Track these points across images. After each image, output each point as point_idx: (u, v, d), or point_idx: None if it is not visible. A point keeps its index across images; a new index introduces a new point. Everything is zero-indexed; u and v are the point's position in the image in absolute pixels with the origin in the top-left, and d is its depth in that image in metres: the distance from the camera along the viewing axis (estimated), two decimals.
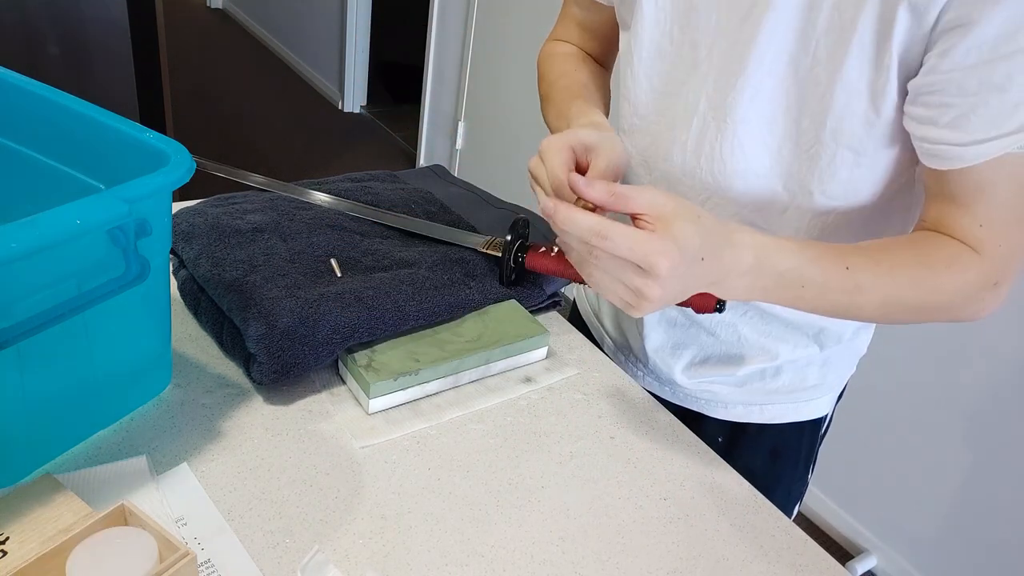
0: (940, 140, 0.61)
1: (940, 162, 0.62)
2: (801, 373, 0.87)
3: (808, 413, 0.91)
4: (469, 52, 2.96)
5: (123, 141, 0.64)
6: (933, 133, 0.61)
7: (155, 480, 0.64)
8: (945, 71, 0.59)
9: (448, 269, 0.86)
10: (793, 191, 0.73)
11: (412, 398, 0.76)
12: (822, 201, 0.72)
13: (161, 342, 0.70)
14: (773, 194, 0.74)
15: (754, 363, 0.86)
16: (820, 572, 0.66)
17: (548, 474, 0.71)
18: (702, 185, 0.77)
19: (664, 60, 0.77)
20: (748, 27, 0.68)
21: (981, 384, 1.60)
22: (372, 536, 0.63)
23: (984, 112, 0.58)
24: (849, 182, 0.70)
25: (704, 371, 0.89)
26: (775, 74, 0.68)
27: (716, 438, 0.93)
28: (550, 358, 0.86)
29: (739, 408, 0.91)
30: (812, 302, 0.64)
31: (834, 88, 0.65)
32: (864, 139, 0.67)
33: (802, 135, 0.69)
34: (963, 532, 1.69)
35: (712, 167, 0.75)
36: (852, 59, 0.63)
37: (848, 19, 0.63)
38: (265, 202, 0.92)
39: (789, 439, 0.93)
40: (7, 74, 0.69)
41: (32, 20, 2.00)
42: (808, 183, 0.71)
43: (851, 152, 0.68)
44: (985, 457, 1.63)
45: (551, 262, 0.84)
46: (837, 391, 0.93)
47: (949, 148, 0.61)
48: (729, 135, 0.73)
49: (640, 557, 0.65)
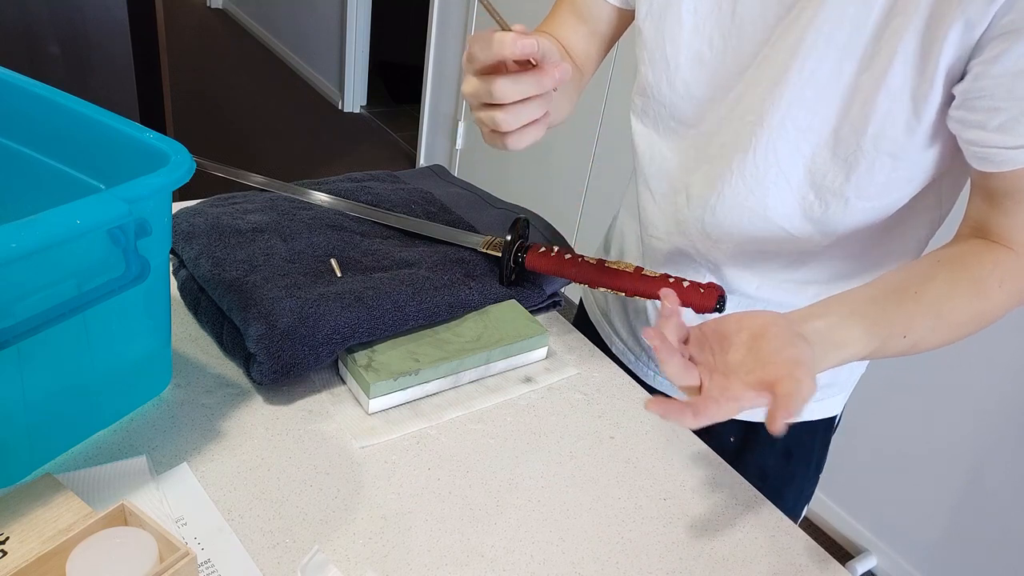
0: (990, 144, 0.62)
1: (989, 165, 0.63)
2: None
3: (821, 412, 0.91)
4: None
5: (123, 141, 0.64)
6: (983, 136, 0.62)
7: (155, 480, 0.64)
8: (995, 76, 0.60)
9: (448, 269, 0.86)
10: (826, 200, 0.73)
11: (412, 398, 0.76)
12: (856, 204, 0.72)
13: (161, 342, 0.70)
14: (804, 201, 0.74)
15: None
16: (820, 572, 0.67)
17: (548, 474, 0.71)
18: (733, 191, 0.77)
19: (704, 67, 0.76)
20: (792, 36, 0.68)
21: (982, 384, 1.60)
22: (372, 536, 0.63)
23: None
24: (885, 185, 0.70)
25: None
26: (815, 83, 0.69)
27: (728, 438, 0.93)
28: (550, 358, 0.86)
29: None
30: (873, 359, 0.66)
31: (877, 96, 0.66)
32: (905, 144, 0.67)
33: (840, 143, 0.69)
34: (963, 532, 1.69)
35: (744, 172, 0.76)
36: (897, 66, 0.64)
37: (896, 28, 0.63)
38: (265, 202, 0.92)
39: (802, 439, 0.93)
40: (7, 74, 0.68)
41: (32, 20, 2.00)
42: (844, 190, 0.71)
43: (890, 158, 0.68)
44: (986, 457, 1.63)
45: (551, 262, 0.84)
46: (849, 390, 0.93)
47: (999, 151, 0.61)
48: (764, 142, 0.73)
49: (640, 557, 0.65)
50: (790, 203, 0.75)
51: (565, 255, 0.84)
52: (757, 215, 0.77)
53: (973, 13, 0.59)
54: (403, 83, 4.22)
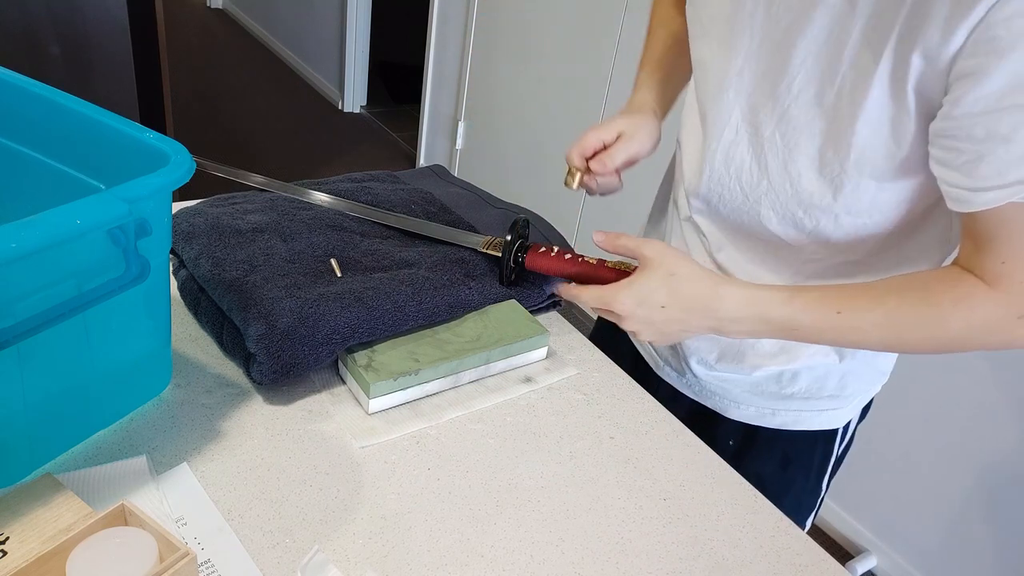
0: (954, 183, 0.62)
1: (956, 204, 0.63)
2: (819, 381, 0.87)
3: (820, 423, 0.91)
4: (469, 52, 2.96)
5: (123, 141, 0.64)
6: (949, 176, 0.63)
7: (155, 480, 0.64)
8: (957, 117, 0.60)
9: (448, 269, 0.86)
10: (815, 216, 0.74)
11: (412, 398, 0.76)
12: (846, 220, 0.73)
13: (161, 342, 0.70)
14: (793, 218, 0.75)
15: (772, 363, 0.86)
16: (820, 572, 0.66)
17: (548, 474, 0.71)
18: (731, 195, 0.79)
19: (707, 70, 0.79)
20: (780, 54, 0.70)
21: (982, 385, 1.60)
22: (372, 536, 0.63)
23: (991, 160, 0.59)
24: (872, 204, 0.71)
25: (721, 364, 0.89)
26: (802, 103, 0.70)
27: (728, 440, 0.93)
28: (550, 358, 0.86)
29: (752, 410, 0.90)
30: (811, 340, 0.72)
31: (856, 122, 0.66)
32: (887, 170, 0.68)
33: (825, 164, 0.71)
34: (963, 533, 1.69)
35: (740, 180, 0.77)
36: (874, 93, 0.64)
37: (871, 56, 0.64)
38: (265, 202, 0.92)
39: (801, 448, 0.92)
40: (8, 74, 0.68)
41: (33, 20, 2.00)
42: (832, 207, 0.72)
43: (874, 181, 0.69)
44: (986, 457, 1.63)
45: (551, 262, 0.84)
46: (854, 406, 0.92)
47: (961, 192, 0.62)
48: (756, 153, 0.75)
49: (640, 557, 0.65)
50: (781, 215, 0.76)
51: (565, 255, 0.84)
52: (755, 222, 0.79)
53: (930, 46, 0.60)
54: (403, 83, 4.22)
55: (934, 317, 0.66)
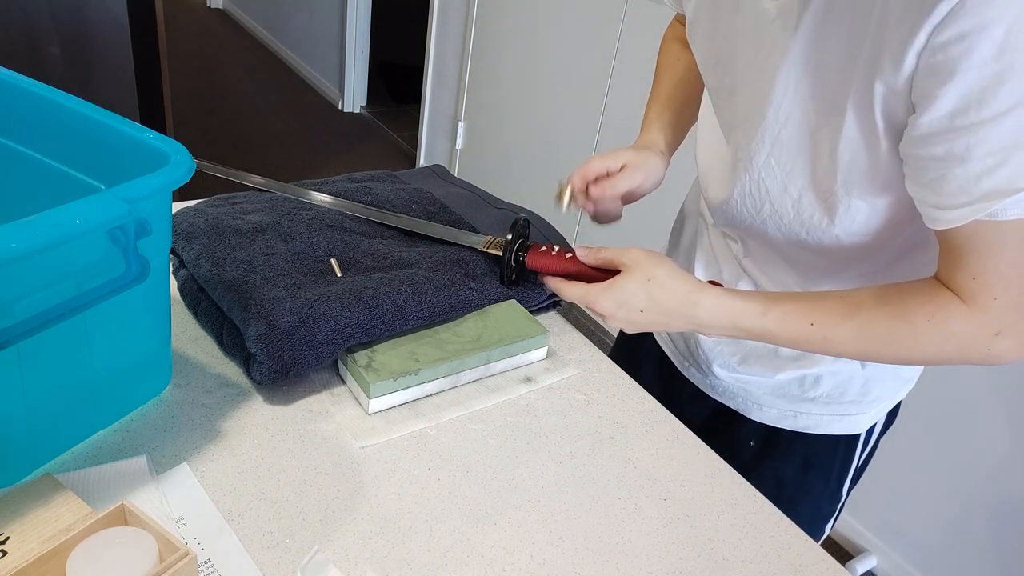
0: (924, 200, 0.64)
1: (929, 222, 0.64)
2: (841, 386, 0.87)
3: (842, 428, 0.90)
4: (469, 52, 2.96)
5: (123, 141, 0.64)
6: (919, 193, 0.64)
7: (155, 480, 0.64)
8: (916, 138, 0.62)
9: (448, 269, 0.86)
10: (817, 236, 0.75)
11: (412, 398, 0.76)
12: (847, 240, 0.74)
13: (161, 342, 0.70)
14: (798, 238, 0.76)
15: (794, 366, 0.86)
16: (820, 572, 0.66)
17: (548, 474, 0.71)
18: (739, 219, 0.80)
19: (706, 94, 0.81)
20: (764, 78, 0.71)
21: (982, 385, 1.60)
22: (372, 536, 0.63)
23: (952, 179, 0.60)
24: (868, 223, 0.72)
25: (743, 367, 0.89)
26: (791, 127, 0.71)
27: (748, 441, 0.93)
28: (550, 358, 0.86)
29: (774, 412, 0.90)
30: (792, 348, 0.75)
31: (838, 145, 0.67)
32: (874, 190, 0.69)
33: (818, 185, 0.71)
34: (963, 532, 1.69)
35: (744, 205, 0.78)
36: (850, 117, 0.66)
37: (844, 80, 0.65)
38: (265, 202, 0.92)
39: (822, 452, 0.92)
40: (8, 74, 0.68)
41: (33, 20, 2.00)
42: (831, 228, 0.73)
43: (864, 202, 0.70)
44: (986, 458, 1.63)
45: (552, 262, 0.84)
46: (877, 412, 0.91)
47: (931, 209, 0.63)
48: (755, 179, 0.76)
49: (640, 557, 0.65)
50: (785, 234, 0.77)
51: (566, 254, 0.84)
52: (762, 236, 0.80)
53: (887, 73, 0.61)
54: (403, 83, 4.22)
55: (906, 333, 0.67)
